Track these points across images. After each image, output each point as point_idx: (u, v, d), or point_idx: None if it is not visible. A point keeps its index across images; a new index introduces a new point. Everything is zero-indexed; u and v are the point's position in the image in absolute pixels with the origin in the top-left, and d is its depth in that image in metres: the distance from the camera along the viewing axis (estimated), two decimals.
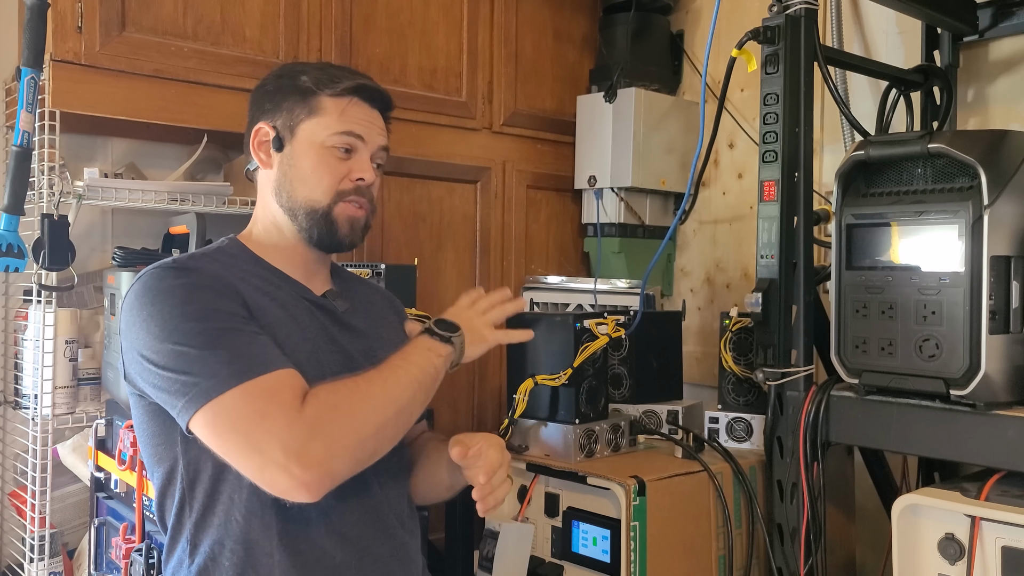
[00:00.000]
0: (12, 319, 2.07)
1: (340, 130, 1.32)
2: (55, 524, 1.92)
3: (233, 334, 1.15)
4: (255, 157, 1.36)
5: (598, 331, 1.82)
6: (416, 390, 1.22)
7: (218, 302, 1.18)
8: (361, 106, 1.35)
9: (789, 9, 1.70)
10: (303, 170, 1.32)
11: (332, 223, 1.32)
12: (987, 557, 1.38)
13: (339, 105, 1.32)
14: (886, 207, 1.58)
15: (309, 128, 1.32)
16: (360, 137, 1.33)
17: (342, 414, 1.14)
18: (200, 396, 1.12)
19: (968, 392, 1.46)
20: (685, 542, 1.73)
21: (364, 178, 1.33)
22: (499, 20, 2.51)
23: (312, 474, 1.10)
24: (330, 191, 1.31)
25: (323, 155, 1.31)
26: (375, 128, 1.36)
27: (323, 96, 1.32)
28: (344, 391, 1.16)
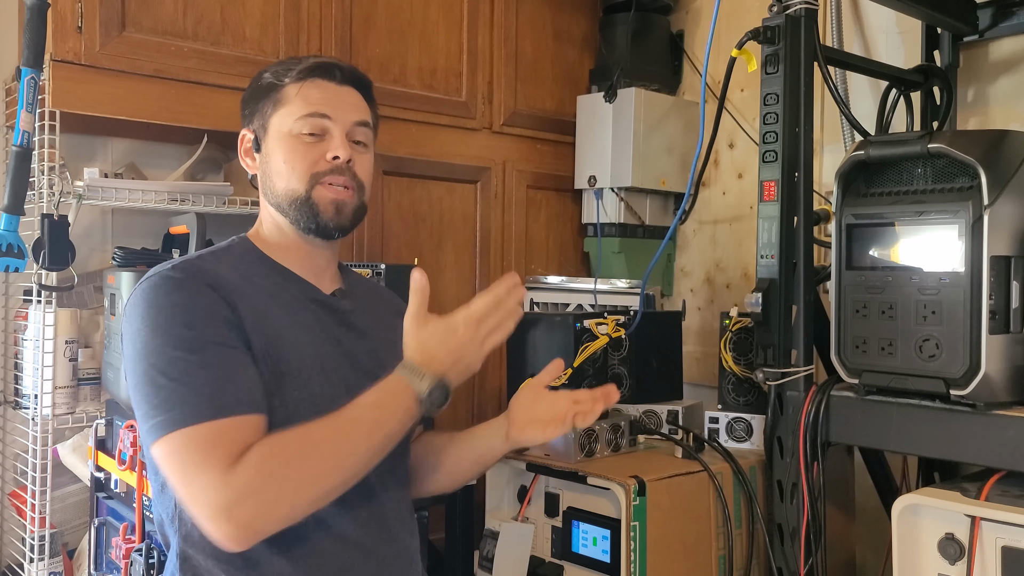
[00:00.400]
0: (12, 319, 2.07)
1: (302, 113, 1.29)
2: (55, 524, 1.92)
3: (202, 368, 1.13)
4: (243, 164, 1.37)
5: (598, 331, 1.82)
6: (373, 456, 1.15)
7: (201, 325, 1.16)
8: (323, 85, 1.31)
9: (789, 9, 1.70)
10: (277, 163, 1.30)
11: (314, 207, 1.29)
12: (987, 557, 1.38)
13: (300, 89, 1.30)
14: (886, 207, 1.58)
15: (277, 121, 1.31)
16: (325, 116, 1.29)
17: (279, 481, 1.08)
18: (156, 429, 1.11)
19: (968, 392, 1.46)
20: (685, 542, 1.73)
21: (338, 155, 1.28)
22: (499, 20, 2.51)
23: (237, 533, 1.08)
24: (304, 176, 1.28)
25: (292, 143, 1.29)
26: (343, 104, 1.32)
27: (285, 86, 1.31)
28: (290, 453, 1.10)
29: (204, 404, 1.10)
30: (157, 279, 1.20)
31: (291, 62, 1.34)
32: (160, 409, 1.11)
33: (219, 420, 1.10)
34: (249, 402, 1.13)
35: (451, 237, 2.44)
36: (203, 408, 1.10)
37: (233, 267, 1.28)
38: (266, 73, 1.34)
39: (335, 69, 1.33)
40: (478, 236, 2.49)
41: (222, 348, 1.15)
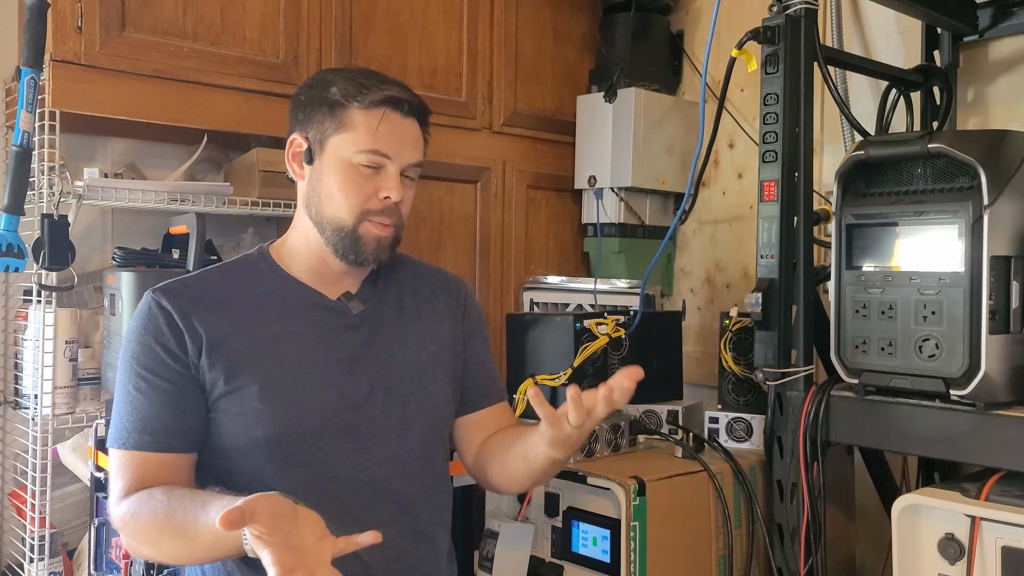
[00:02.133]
0: (12, 319, 2.07)
1: (367, 148, 1.28)
2: (55, 524, 1.92)
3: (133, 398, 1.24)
4: (288, 168, 1.36)
5: (598, 331, 1.82)
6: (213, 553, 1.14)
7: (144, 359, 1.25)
8: (392, 119, 1.30)
9: (789, 9, 1.70)
10: (330, 187, 1.30)
11: (357, 241, 1.30)
12: (987, 557, 1.38)
13: (368, 119, 1.29)
14: (886, 207, 1.58)
15: (337, 143, 1.29)
16: (387, 156, 1.29)
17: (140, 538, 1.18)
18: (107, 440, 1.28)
19: (968, 392, 1.46)
20: (685, 542, 1.73)
21: (391, 196, 1.29)
22: (499, 20, 2.50)
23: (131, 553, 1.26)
24: (355, 210, 1.29)
25: (349, 172, 1.29)
26: (405, 142, 1.32)
27: (352, 109, 1.29)
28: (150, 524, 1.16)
29: (118, 432, 1.24)
30: (144, 300, 1.30)
31: (362, 81, 1.31)
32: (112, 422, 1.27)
33: (121, 451, 1.24)
34: (148, 443, 1.23)
35: (451, 237, 2.44)
36: (127, 436, 1.24)
37: (237, 278, 1.33)
38: (333, 87, 1.31)
39: (404, 103, 1.32)
40: (478, 236, 2.49)
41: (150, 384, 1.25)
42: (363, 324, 1.34)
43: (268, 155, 2.04)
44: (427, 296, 1.44)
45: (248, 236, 2.27)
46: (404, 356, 1.34)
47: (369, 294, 1.38)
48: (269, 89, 2.05)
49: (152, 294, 1.29)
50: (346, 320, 1.33)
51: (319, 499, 1.23)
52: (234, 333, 1.26)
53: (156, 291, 1.29)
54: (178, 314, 1.26)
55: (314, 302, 1.33)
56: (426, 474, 1.34)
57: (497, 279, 2.52)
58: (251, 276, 1.34)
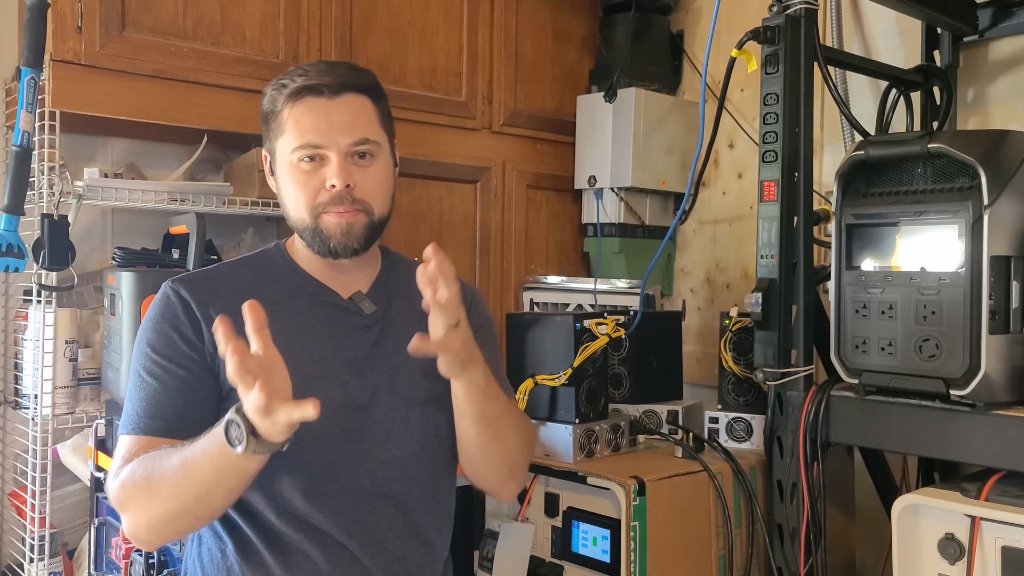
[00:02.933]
0: (12, 319, 2.07)
1: (295, 145, 1.26)
2: (55, 524, 1.92)
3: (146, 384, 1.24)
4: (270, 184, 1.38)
5: (598, 331, 1.82)
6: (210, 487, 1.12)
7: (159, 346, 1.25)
8: (314, 105, 1.26)
9: (789, 9, 1.70)
10: (285, 192, 1.31)
11: (321, 234, 1.28)
12: (987, 557, 1.38)
13: (293, 115, 1.26)
14: (886, 207, 1.58)
15: (280, 148, 1.30)
16: (316, 145, 1.26)
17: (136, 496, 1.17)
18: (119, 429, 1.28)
19: (968, 392, 1.46)
20: (685, 542, 1.73)
21: (335, 183, 1.25)
22: (499, 20, 2.50)
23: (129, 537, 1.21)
24: (308, 206, 1.28)
25: (293, 173, 1.28)
26: (336, 125, 1.26)
27: (282, 111, 1.28)
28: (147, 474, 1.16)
29: (128, 419, 1.24)
30: (161, 290, 1.30)
31: (285, 80, 1.29)
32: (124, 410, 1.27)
33: (131, 436, 1.23)
34: (158, 428, 1.23)
35: (451, 237, 2.44)
36: (131, 421, 1.24)
37: (253, 271, 1.34)
38: (266, 95, 1.31)
39: (322, 86, 1.26)
40: (478, 236, 2.49)
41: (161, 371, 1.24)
42: (373, 325, 1.34)
43: None
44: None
45: (248, 236, 2.27)
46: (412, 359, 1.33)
47: (380, 295, 1.37)
48: None
49: (171, 283, 1.29)
50: (357, 320, 1.33)
51: (320, 498, 1.24)
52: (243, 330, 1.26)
53: (175, 281, 1.30)
54: (196, 303, 1.26)
55: (326, 300, 1.33)
56: (428, 478, 1.33)
57: (497, 279, 2.52)
58: (266, 271, 1.34)
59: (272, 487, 1.23)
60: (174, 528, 1.18)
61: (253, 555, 1.24)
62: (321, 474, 1.25)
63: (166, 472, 1.13)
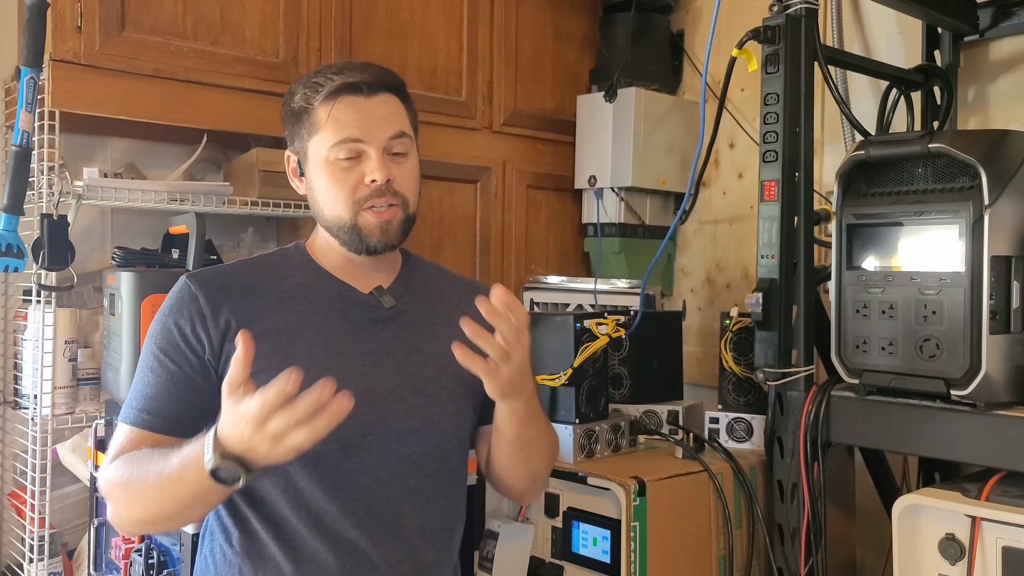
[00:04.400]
0: (12, 319, 2.07)
1: (335, 140, 1.27)
2: (55, 524, 1.92)
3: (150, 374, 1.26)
4: (292, 183, 1.38)
5: (598, 331, 1.81)
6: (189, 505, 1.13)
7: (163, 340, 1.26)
8: (352, 102, 1.28)
9: (789, 9, 1.70)
10: (319, 190, 1.31)
11: (359, 233, 1.30)
12: (987, 557, 1.38)
13: (331, 112, 1.28)
14: (887, 207, 1.58)
15: (314, 148, 1.30)
16: (358, 139, 1.28)
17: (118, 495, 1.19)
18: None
19: (969, 392, 1.46)
20: (685, 542, 1.73)
21: (376, 178, 1.27)
22: (499, 20, 2.50)
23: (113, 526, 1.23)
24: (347, 203, 1.29)
25: (330, 171, 1.29)
26: (375, 120, 1.29)
27: (316, 110, 1.29)
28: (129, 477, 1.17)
29: (127, 408, 1.26)
30: (177, 284, 1.30)
31: (319, 79, 1.30)
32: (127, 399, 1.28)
33: (127, 426, 1.24)
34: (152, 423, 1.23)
35: (451, 237, 2.44)
36: (125, 411, 1.26)
37: (269, 268, 1.34)
38: (296, 94, 1.31)
39: (362, 84, 1.29)
40: (478, 236, 2.49)
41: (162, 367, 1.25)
42: (393, 319, 1.34)
43: (268, 155, 2.04)
44: (457, 302, 1.43)
45: (248, 236, 2.27)
46: (433, 356, 1.34)
47: (402, 291, 1.38)
48: (269, 89, 2.05)
49: (185, 278, 1.29)
50: (376, 314, 1.32)
51: (336, 491, 1.23)
52: (262, 319, 1.26)
53: (189, 276, 1.30)
54: (207, 299, 1.26)
55: (345, 295, 1.33)
56: (443, 476, 1.33)
57: (497, 279, 2.51)
58: (284, 267, 1.35)
59: (287, 479, 1.22)
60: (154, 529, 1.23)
61: (262, 550, 1.23)
62: (337, 467, 1.24)
63: (145, 480, 1.14)
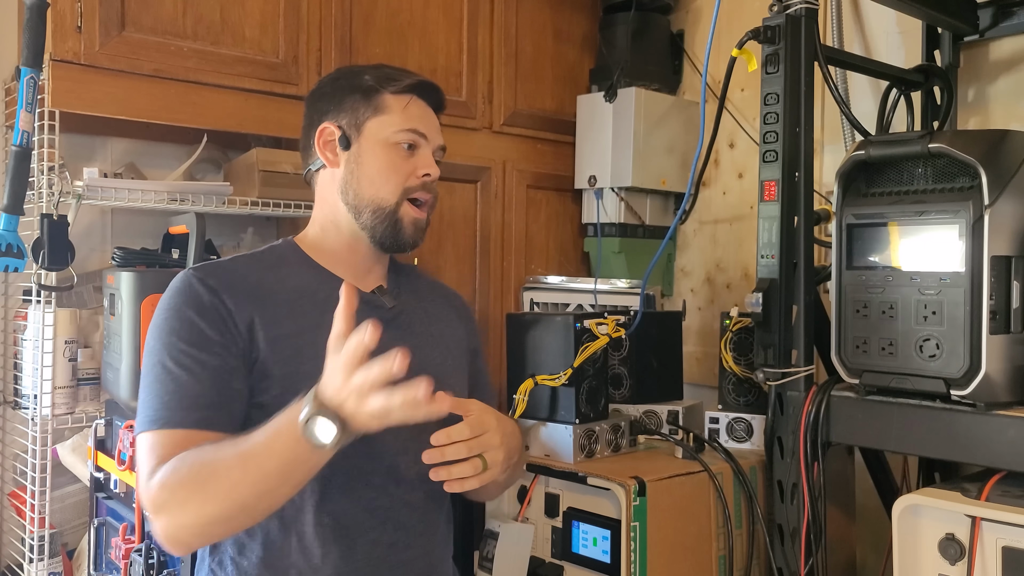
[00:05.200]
0: (12, 319, 2.07)
1: (405, 127, 1.34)
2: (55, 524, 1.92)
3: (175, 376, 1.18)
4: (321, 156, 1.36)
5: (598, 331, 1.81)
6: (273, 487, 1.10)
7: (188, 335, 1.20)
8: (420, 104, 1.37)
9: (789, 9, 1.70)
10: (371, 168, 1.33)
11: (397, 223, 1.33)
12: (987, 557, 1.38)
13: (401, 102, 1.35)
14: (886, 207, 1.58)
15: (375, 126, 1.33)
16: (423, 135, 1.35)
17: (183, 496, 1.10)
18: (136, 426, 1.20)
19: (969, 392, 1.46)
20: (685, 542, 1.73)
21: (430, 173, 1.35)
22: (499, 20, 2.50)
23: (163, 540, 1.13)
24: (397, 189, 1.32)
25: (389, 152, 1.33)
26: (434, 126, 1.39)
27: (386, 94, 1.35)
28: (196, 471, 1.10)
29: (160, 412, 1.17)
30: (177, 281, 1.26)
31: (390, 70, 1.39)
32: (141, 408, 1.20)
33: (162, 431, 1.16)
34: (198, 419, 1.17)
35: (451, 237, 2.44)
36: (158, 417, 1.17)
37: (267, 268, 1.32)
38: (365, 75, 1.37)
39: (435, 93, 1.40)
40: (478, 236, 2.49)
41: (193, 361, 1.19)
42: (394, 320, 1.35)
43: (268, 155, 2.04)
44: (442, 304, 1.47)
45: (248, 236, 2.27)
46: (432, 357, 1.35)
47: (396, 292, 1.39)
48: (269, 89, 2.05)
49: (192, 272, 1.26)
50: (379, 314, 1.32)
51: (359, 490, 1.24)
52: (274, 321, 1.25)
53: (195, 269, 1.27)
54: (223, 290, 1.24)
55: None
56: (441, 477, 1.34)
57: (497, 279, 2.52)
58: (282, 267, 1.34)
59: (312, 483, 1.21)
60: (226, 528, 1.15)
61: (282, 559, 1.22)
62: (360, 467, 1.25)
63: (219, 469, 1.08)
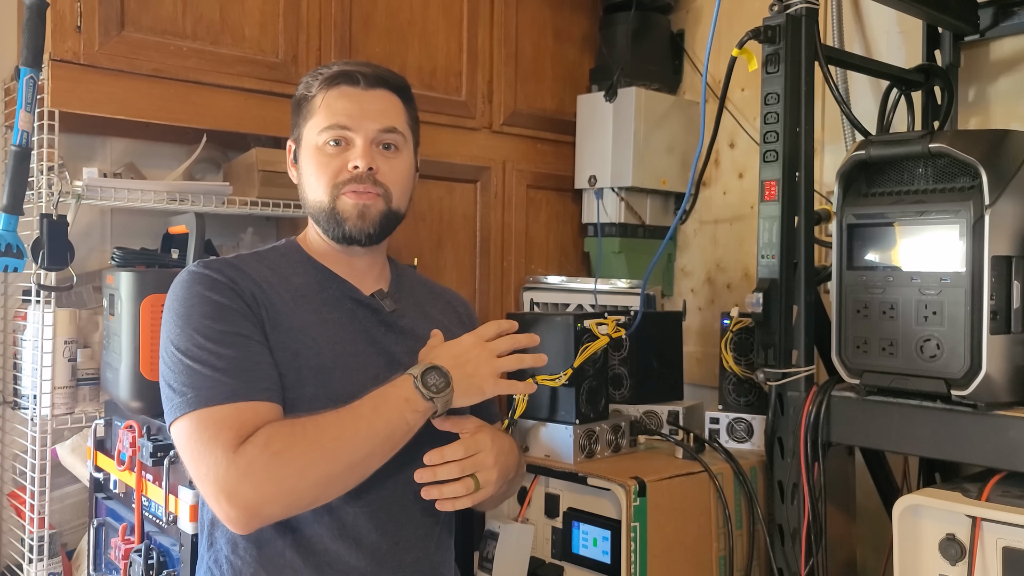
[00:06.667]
0: (11, 319, 2.07)
1: (324, 125, 1.30)
2: (54, 524, 1.92)
3: (219, 355, 1.16)
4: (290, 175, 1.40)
5: (598, 331, 1.81)
6: (377, 445, 1.15)
7: (220, 316, 1.19)
8: (348, 92, 1.31)
9: (790, 8, 1.70)
10: (306, 174, 1.33)
11: (336, 215, 1.30)
12: (988, 558, 1.37)
13: (326, 99, 1.31)
14: (887, 207, 1.58)
15: (307, 133, 1.33)
16: (346, 127, 1.29)
17: (282, 461, 1.10)
18: (173, 411, 1.16)
19: (969, 392, 1.46)
20: (686, 543, 1.73)
21: (358, 165, 1.29)
22: (499, 19, 2.50)
23: (239, 513, 1.11)
24: (327, 187, 1.30)
25: (317, 155, 1.31)
26: (368, 112, 1.31)
27: (313, 96, 1.32)
28: (295, 435, 1.12)
29: (217, 388, 1.14)
30: (186, 274, 1.25)
31: (322, 70, 1.33)
32: (178, 392, 1.15)
33: (230, 404, 1.13)
34: (262, 389, 1.16)
35: (451, 237, 2.44)
36: (216, 392, 1.14)
37: (272, 266, 1.32)
38: (300, 85, 1.35)
39: (358, 75, 1.31)
40: (478, 236, 2.49)
41: (238, 337, 1.18)
42: (395, 323, 1.35)
43: (267, 155, 2.04)
44: (443, 308, 1.47)
45: (248, 236, 2.27)
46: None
47: (396, 295, 1.39)
48: (268, 89, 2.05)
49: (197, 264, 1.26)
50: (380, 317, 1.34)
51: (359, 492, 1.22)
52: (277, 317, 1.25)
53: (203, 263, 1.27)
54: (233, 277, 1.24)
55: (351, 295, 1.34)
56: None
57: (497, 279, 2.51)
58: (286, 265, 1.34)
59: None
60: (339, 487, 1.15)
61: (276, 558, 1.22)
62: None
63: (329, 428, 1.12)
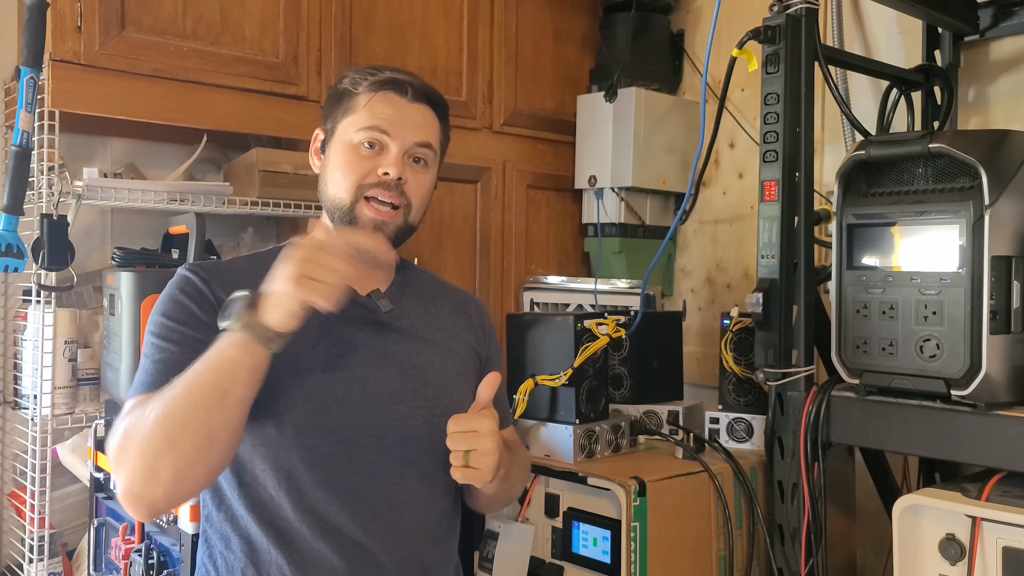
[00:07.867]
0: (11, 319, 2.07)
1: (364, 125, 1.30)
2: (54, 524, 1.92)
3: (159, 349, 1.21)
4: (311, 163, 1.39)
5: (598, 331, 1.81)
6: (209, 393, 1.09)
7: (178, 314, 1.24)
8: (393, 100, 1.32)
9: (790, 9, 1.70)
10: (332, 167, 1.32)
11: (354, 223, 1.30)
12: (988, 558, 1.38)
13: (370, 100, 1.31)
14: (887, 207, 1.58)
15: (343, 127, 1.32)
16: (385, 132, 1.30)
17: (133, 443, 1.10)
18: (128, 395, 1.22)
19: (969, 392, 1.46)
20: (686, 543, 1.73)
21: (389, 172, 1.28)
22: (499, 20, 2.50)
23: (127, 503, 1.13)
24: (352, 187, 1.29)
25: (349, 152, 1.30)
26: (408, 123, 1.32)
27: (358, 95, 1.32)
28: (136, 414, 1.12)
29: (138, 381, 1.21)
30: (178, 274, 1.29)
31: (370, 71, 1.34)
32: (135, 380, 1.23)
33: (139, 395, 1.18)
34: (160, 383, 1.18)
35: (451, 237, 2.44)
36: (136, 385, 1.21)
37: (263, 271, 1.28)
38: (345, 79, 1.35)
39: (407, 85, 1.33)
40: (478, 236, 2.49)
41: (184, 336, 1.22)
42: (392, 323, 1.34)
43: (268, 155, 2.04)
44: (450, 310, 1.44)
45: (248, 236, 2.27)
46: (432, 361, 1.34)
47: (399, 295, 1.38)
48: (269, 89, 2.05)
49: (187, 267, 1.29)
50: (375, 316, 1.33)
51: (340, 492, 1.23)
52: None
53: (191, 266, 1.29)
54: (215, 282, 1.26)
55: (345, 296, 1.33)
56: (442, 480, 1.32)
57: (497, 279, 2.51)
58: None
59: (290, 481, 1.22)
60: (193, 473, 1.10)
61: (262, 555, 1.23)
62: (341, 467, 1.24)
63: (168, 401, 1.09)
